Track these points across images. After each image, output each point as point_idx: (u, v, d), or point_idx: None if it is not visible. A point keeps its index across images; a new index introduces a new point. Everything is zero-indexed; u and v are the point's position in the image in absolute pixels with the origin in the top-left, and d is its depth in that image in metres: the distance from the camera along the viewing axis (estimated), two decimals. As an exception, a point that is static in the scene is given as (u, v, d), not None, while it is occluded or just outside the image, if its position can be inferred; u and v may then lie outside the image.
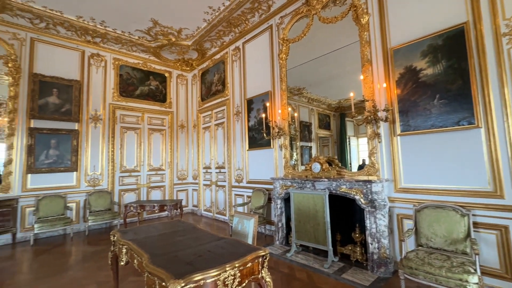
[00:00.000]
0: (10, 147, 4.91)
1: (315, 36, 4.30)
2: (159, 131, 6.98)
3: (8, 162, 4.87)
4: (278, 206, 4.24)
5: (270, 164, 4.91)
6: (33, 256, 4.11)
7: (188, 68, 7.59)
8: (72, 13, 5.04)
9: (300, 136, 4.57)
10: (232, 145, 5.88)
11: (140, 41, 6.14)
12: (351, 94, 3.31)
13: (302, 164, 4.47)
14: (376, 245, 3.04)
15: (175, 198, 7.07)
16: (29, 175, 5.04)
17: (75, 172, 5.56)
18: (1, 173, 4.85)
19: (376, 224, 3.06)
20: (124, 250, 2.25)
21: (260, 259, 1.87)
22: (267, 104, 4.83)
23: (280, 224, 4.21)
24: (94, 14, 5.09)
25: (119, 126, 6.28)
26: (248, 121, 5.44)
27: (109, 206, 5.66)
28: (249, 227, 2.64)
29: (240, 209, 5.13)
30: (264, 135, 4.69)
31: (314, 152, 4.40)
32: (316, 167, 3.84)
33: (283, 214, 4.24)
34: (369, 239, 3.11)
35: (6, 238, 4.73)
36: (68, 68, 5.68)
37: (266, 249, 1.93)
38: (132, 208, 5.03)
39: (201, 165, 7.01)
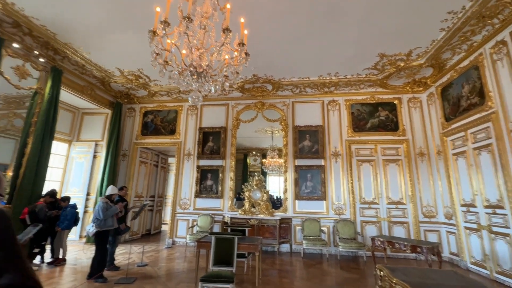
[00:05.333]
0: (285, 180, 6.97)
1: None
2: (394, 161, 6.61)
3: (285, 191, 6.90)
4: None
5: None
6: (304, 267, 5.25)
7: (421, 88, 6.74)
8: (315, 75, 6.53)
9: None
10: (514, 175, 4.10)
11: (367, 78, 6.51)
12: None
13: None
14: None
15: (422, 238, 6.04)
16: (296, 201, 6.76)
17: (324, 201, 6.63)
18: (282, 198, 6.97)
19: None
20: (397, 290, 2.18)
21: None
22: None
23: None
24: (330, 70, 6.23)
25: (355, 159, 6.77)
26: (546, 138, 3.58)
27: (353, 235, 6.03)
28: None
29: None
30: None
31: None
32: None
33: None
34: None
35: (286, 247, 6.51)
36: (314, 117, 7.24)
37: None
38: (379, 243, 4.96)
39: (457, 202, 5.51)
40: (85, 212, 7.12)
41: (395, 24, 4.53)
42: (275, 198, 8.01)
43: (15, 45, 4.98)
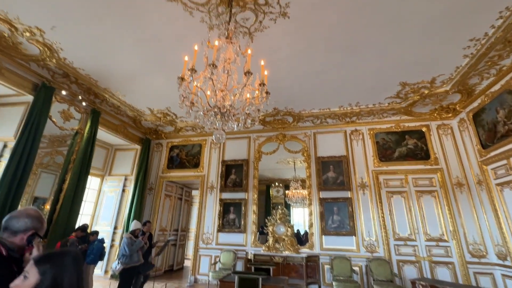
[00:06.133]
0: (310, 214, 6.68)
1: None
2: (428, 192, 6.12)
3: (310, 225, 6.57)
4: None
5: None
6: (336, 313, 4.73)
7: (450, 115, 6.44)
8: (335, 106, 6.54)
9: None
10: None
11: (390, 107, 6.40)
12: None
13: None
14: None
15: (472, 282, 5.28)
16: (323, 237, 6.36)
17: (353, 237, 6.17)
18: (307, 233, 6.61)
19: None
20: None
21: None
22: None
23: None
24: (350, 100, 6.23)
25: (384, 190, 6.38)
26: None
27: (390, 277, 5.43)
28: None
29: None
30: None
31: None
32: None
33: None
34: None
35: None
36: (337, 147, 7.11)
37: None
38: (421, 287, 4.41)
39: (511, 239, 4.86)
40: (111, 246, 7.24)
41: (415, 53, 4.54)
42: (298, 231, 7.61)
43: (63, 92, 5.66)
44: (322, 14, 3.76)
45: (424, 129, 6.65)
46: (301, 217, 8.05)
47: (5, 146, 4.87)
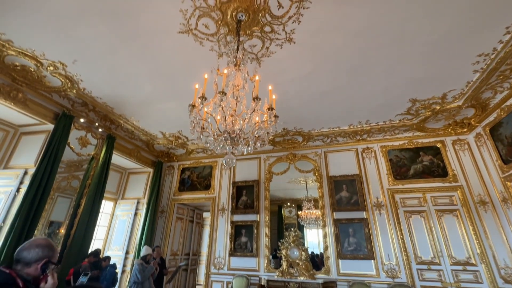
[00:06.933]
0: (324, 236, 6.43)
1: None
2: (449, 211, 5.81)
3: (325, 248, 6.30)
4: None
5: None
6: None
7: (465, 130, 6.26)
8: (345, 124, 6.51)
9: None
10: None
11: (401, 123, 6.31)
12: None
13: None
14: None
15: (509, 312, 4.80)
16: (339, 261, 6.06)
17: (372, 260, 5.85)
18: (323, 256, 6.32)
19: None
20: None
21: None
22: None
23: None
24: (360, 118, 6.20)
25: (402, 210, 6.11)
26: None
27: (415, 305, 5.04)
28: None
29: None
30: None
31: None
32: None
33: None
34: None
35: (333, 318, 5.61)
36: (349, 165, 6.97)
37: None
38: (450, 317, 4.05)
39: (546, 262, 4.46)
40: (123, 271, 7.15)
41: (423, 70, 4.53)
42: (312, 253, 7.26)
43: (81, 119, 5.94)
44: (327, 38, 3.87)
45: (439, 145, 6.46)
46: (315, 238, 7.74)
47: (25, 173, 5.07)
